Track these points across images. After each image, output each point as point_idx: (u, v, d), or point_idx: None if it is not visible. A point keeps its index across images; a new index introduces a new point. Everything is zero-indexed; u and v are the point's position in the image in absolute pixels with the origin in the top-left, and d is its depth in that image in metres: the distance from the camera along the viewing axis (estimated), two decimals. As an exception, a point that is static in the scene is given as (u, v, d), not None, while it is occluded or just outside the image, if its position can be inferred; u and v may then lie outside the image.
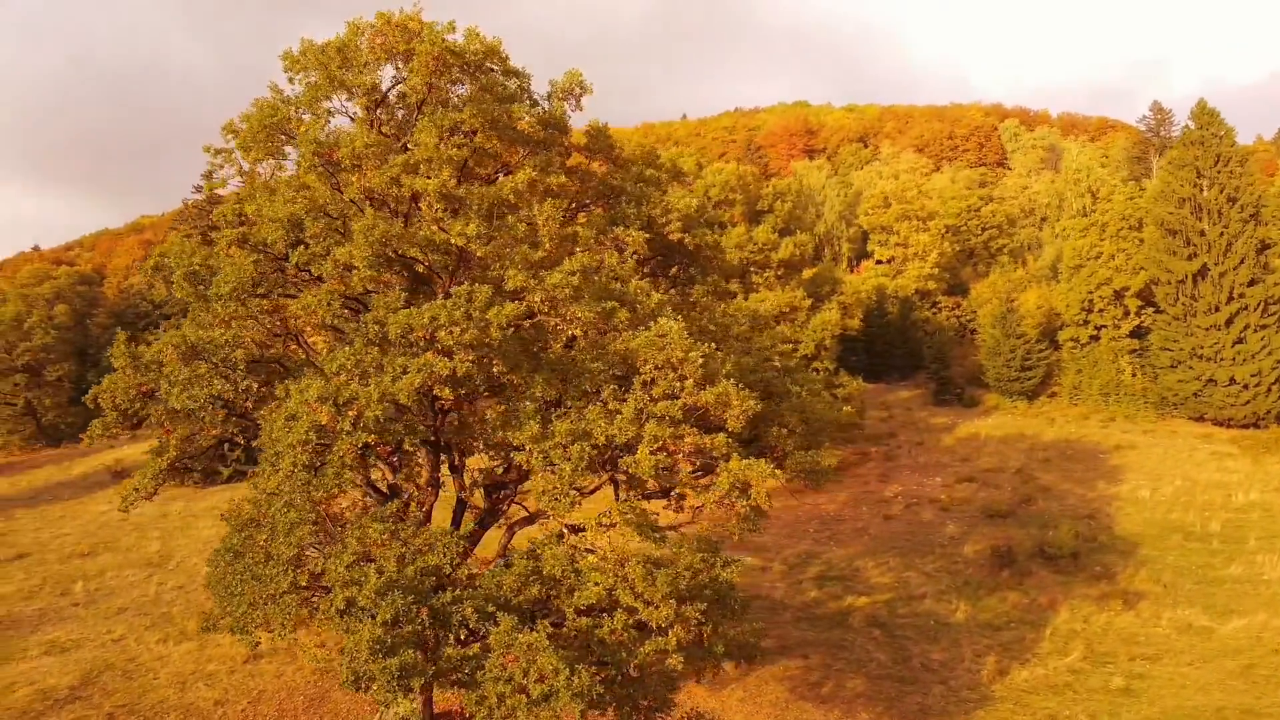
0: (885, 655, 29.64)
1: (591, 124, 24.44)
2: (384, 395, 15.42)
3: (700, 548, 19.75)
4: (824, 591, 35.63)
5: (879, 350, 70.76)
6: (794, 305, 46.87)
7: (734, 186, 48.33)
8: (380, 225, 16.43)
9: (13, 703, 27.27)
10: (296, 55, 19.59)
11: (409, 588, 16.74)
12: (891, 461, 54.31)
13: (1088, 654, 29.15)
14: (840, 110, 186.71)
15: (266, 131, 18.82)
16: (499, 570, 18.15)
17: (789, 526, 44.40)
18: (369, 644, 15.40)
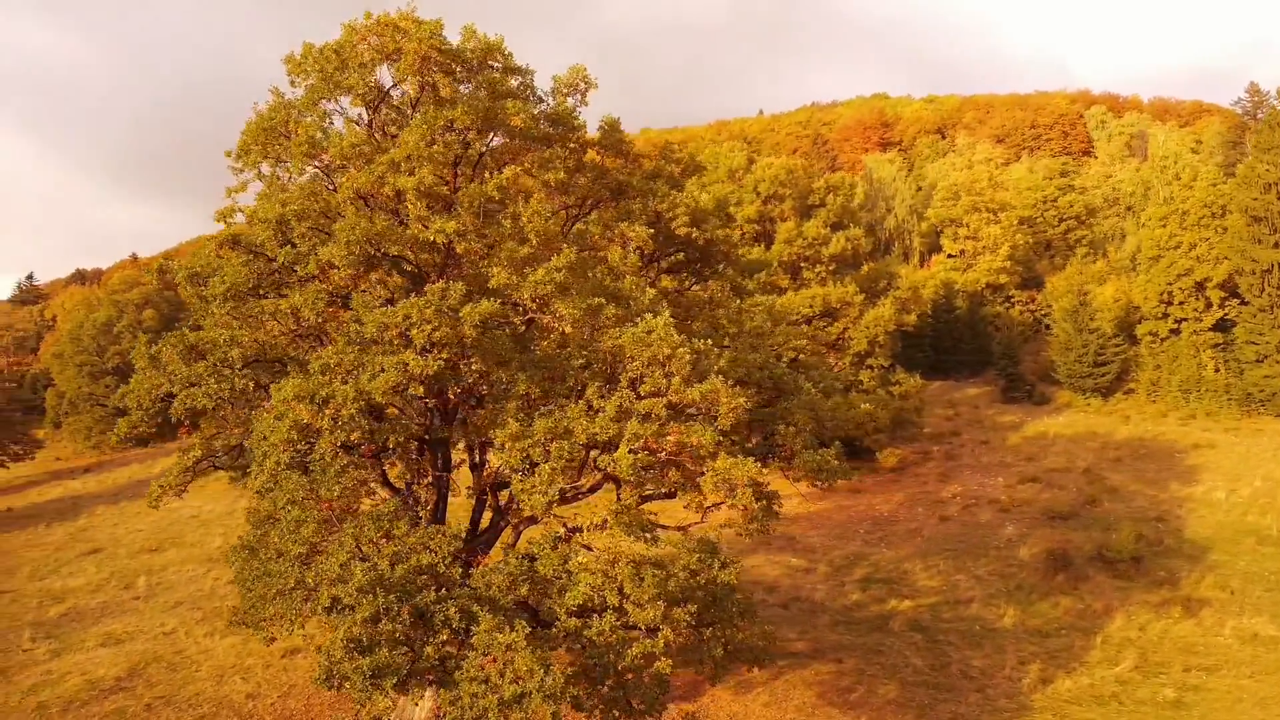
0: (922, 661, 28.67)
1: (605, 119, 24.18)
2: (360, 394, 15.42)
3: (698, 548, 19.37)
4: (867, 594, 34.69)
5: (946, 346, 68.85)
6: (845, 301, 45.82)
7: (784, 181, 47.49)
8: (361, 224, 16.48)
9: (62, 692, 28.37)
10: (298, 59, 19.82)
11: (392, 586, 16.74)
12: (953, 461, 52.71)
13: (1140, 663, 27.71)
14: (919, 102, 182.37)
15: (265, 135, 19.07)
16: (490, 569, 18.06)
17: (839, 527, 43.47)
18: (343, 642, 15.43)
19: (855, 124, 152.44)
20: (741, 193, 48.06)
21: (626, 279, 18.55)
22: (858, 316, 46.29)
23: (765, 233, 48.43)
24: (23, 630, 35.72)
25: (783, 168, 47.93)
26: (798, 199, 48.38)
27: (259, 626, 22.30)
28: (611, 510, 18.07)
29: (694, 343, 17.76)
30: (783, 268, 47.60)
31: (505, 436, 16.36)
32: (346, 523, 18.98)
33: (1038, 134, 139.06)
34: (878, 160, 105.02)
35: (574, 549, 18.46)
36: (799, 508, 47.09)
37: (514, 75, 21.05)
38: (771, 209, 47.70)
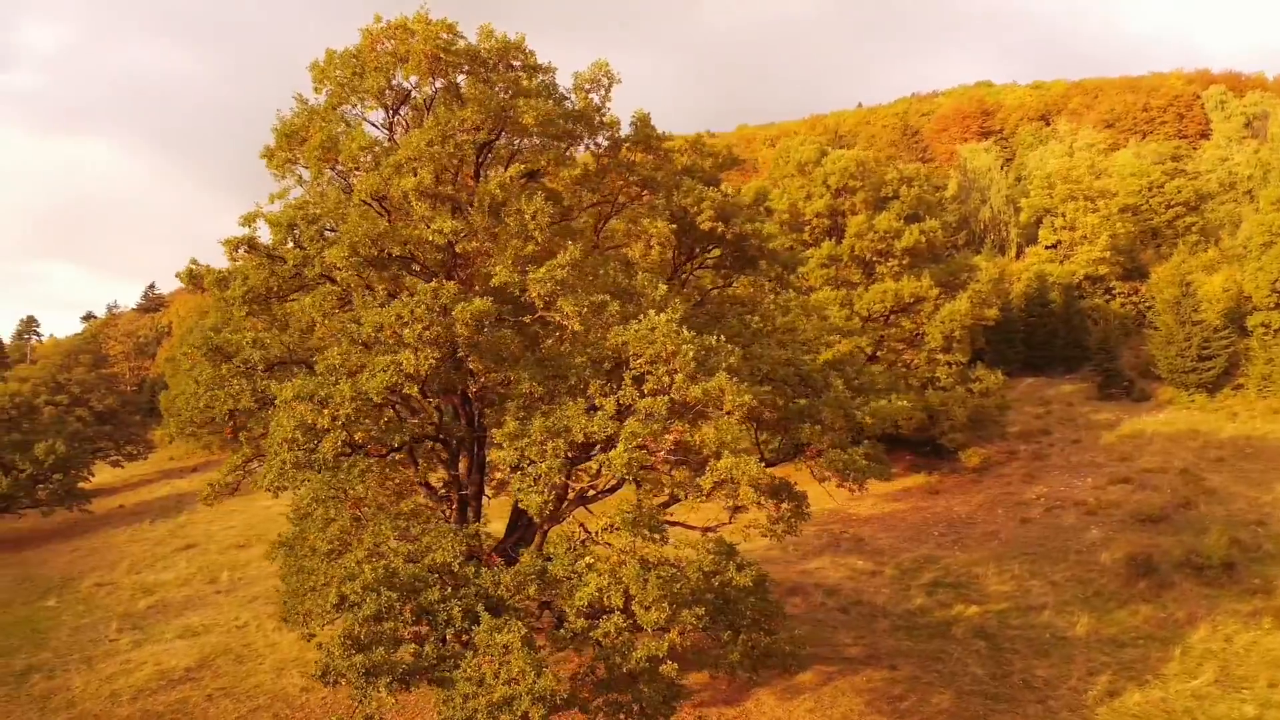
0: (982, 669, 27.45)
1: (636, 114, 23.94)
2: (358, 394, 15.56)
3: (714, 550, 18.96)
4: (932, 599, 33.46)
5: (1039, 342, 66.03)
6: (919, 295, 44.31)
7: (854, 174, 46.22)
8: (363, 226, 16.64)
9: (135, 680, 29.71)
10: (322, 65, 20.20)
11: (399, 584, 16.87)
12: (1040, 461, 50.44)
13: (1221, 677, 25.90)
14: (1023, 89, 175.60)
15: (287, 141, 19.49)
16: (499, 569, 18.03)
17: (913, 529, 42.11)
18: (341, 639, 15.61)
19: (953, 114, 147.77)
20: (811, 186, 47.04)
21: (639, 275, 18.22)
22: (933, 311, 44.70)
23: (836, 227, 47.27)
24: (112, 621, 37.65)
25: (853, 160, 46.67)
26: (870, 191, 47.04)
27: (296, 622, 22.86)
28: (622, 511, 17.81)
29: (702, 339, 17.37)
30: (854, 262, 46.37)
31: (503, 436, 16.29)
32: (367, 522, 19.28)
33: (1150, 117, 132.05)
34: (972, 150, 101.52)
35: (587, 549, 18.30)
36: (872, 509, 45.88)
37: (534, 74, 20.99)
38: (842, 202, 46.51)
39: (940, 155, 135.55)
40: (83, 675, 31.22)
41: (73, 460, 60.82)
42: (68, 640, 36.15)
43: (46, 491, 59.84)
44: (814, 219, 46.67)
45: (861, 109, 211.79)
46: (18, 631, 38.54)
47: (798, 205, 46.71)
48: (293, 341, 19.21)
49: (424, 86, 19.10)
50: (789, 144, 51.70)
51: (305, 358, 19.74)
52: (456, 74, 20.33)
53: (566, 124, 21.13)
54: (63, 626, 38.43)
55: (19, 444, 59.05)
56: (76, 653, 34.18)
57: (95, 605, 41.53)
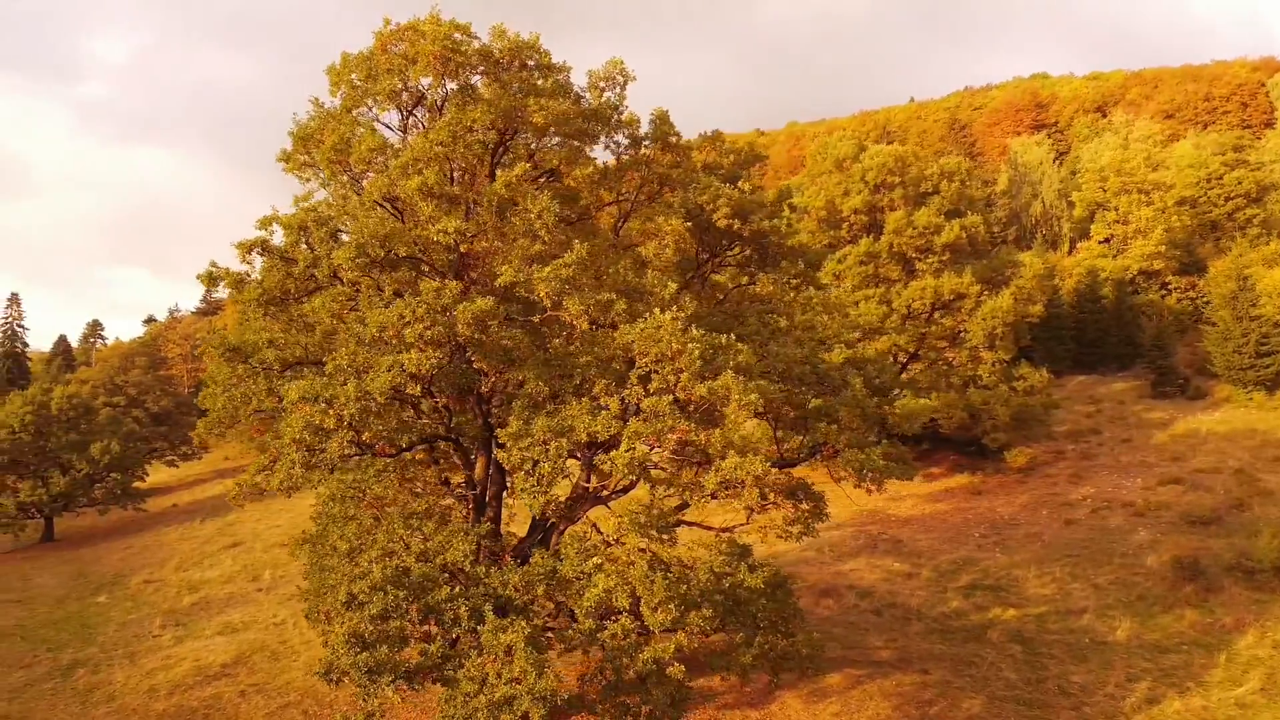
0: (1017, 674, 26.77)
1: (655, 112, 23.79)
2: (363, 394, 15.64)
3: (725, 551, 18.73)
4: (969, 601, 32.76)
5: (1091, 339, 64.34)
6: (959, 292, 43.42)
7: (893, 169, 45.45)
8: (369, 227, 16.74)
9: (173, 676, 30.35)
10: (338, 68, 20.38)
11: (408, 583, 16.93)
12: (1089, 460, 49.13)
13: (1267, 685, 24.95)
14: (1079, 80, 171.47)
15: (302, 144, 19.70)
16: (508, 569, 18.02)
17: (953, 530, 41.29)
18: (345, 637, 15.70)
19: (1006, 107, 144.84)
20: (848, 182, 46.38)
21: (649, 274, 18.06)
22: (974, 308, 43.79)
23: (875, 223, 46.56)
24: (156, 618, 38.58)
25: (891, 155, 45.90)
26: (910, 187, 46.24)
27: (317, 620, 23.09)
28: (630, 511, 17.67)
29: (711, 337, 17.17)
30: (893, 259, 45.61)
31: (507, 436, 16.25)
32: (383, 522, 19.39)
33: (1211, 107, 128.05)
34: (1023, 143, 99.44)
35: (597, 550, 18.19)
36: (913, 510, 45.13)
37: (547, 73, 20.95)
38: (880, 198, 45.77)
39: (992, 150, 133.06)
40: (124, 670, 32.00)
41: (127, 460, 62.42)
42: (114, 635, 37.09)
43: (102, 491, 61.50)
44: (852, 216, 46.02)
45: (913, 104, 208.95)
46: (69, 626, 39.67)
47: (835, 202, 46.11)
48: (311, 343, 19.40)
49: (436, 88, 19.13)
50: (827, 140, 51.09)
51: (321, 358, 19.91)
52: (471, 74, 20.38)
53: (581, 123, 21.04)
54: (110, 622, 39.45)
55: (76, 444, 60.76)
56: (121, 648, 35.05)
57: (143, 601, 42.58)
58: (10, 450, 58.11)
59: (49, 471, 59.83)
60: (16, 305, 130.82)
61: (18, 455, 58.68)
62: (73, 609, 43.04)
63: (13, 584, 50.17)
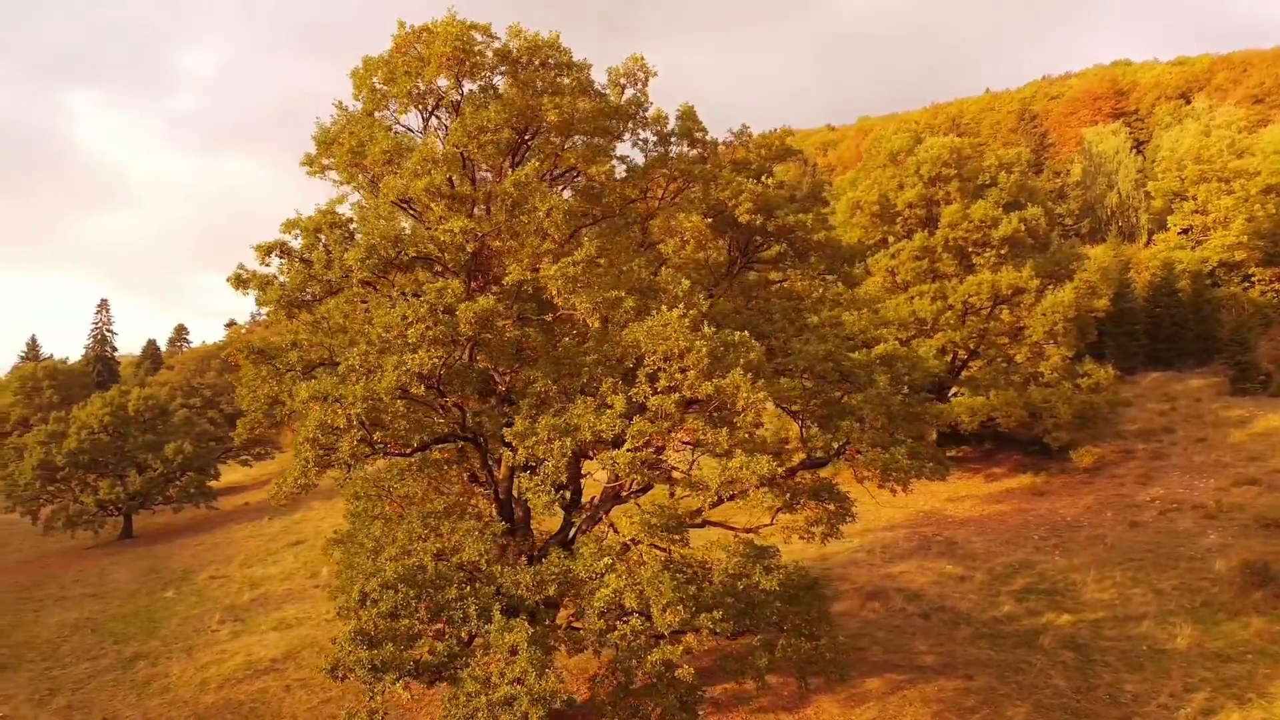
0: (1066, 682, 25.80)
1: (682, 108, 23.58)
2: (370, 394, 15.78)
3: (741, 552, 18.42)
4: (1022, 606, 31.71)
5: (1166, 334, 61.78)
6: (1017, 286, 42.06)
7: (948, 161, 44.27)
8: (380, 228, 16.87)
9: (224, 670, 31.17)
10: (361, 72, 20.63)
11: (419, 582, 17.02)
12: (1159, 460, 47.17)
13: (1336, 698, 23.59)
14: (1162, 65, 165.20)
15: (324, 148, 19.98)
16: (521, 568, 17.99)
17: (1011, 532, 40.03)
18: (352, 634, 15.85)
19: (1083, 95, 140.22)
20: (902, 175, 45.37)
21: (663, 271, 17.85)
22: (1033, 303, 42.41)
23: (932, 217, 45.45)
24: (216, 613, 39.68)
25: (945, 147, 44.71)
26: (966, 179, 45.02)
27: (347, 618, 23.37)
28: (642, 512, 17.49)
29: (723, 335, 16.90)
30: (949, 253, 44.43)
31: (512, 435, 16.21)
32: (402, 519, 19.57)
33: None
34: (1098, 133, 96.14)
35: (609, 549, 18.04)
36: (970, 510, 43.93)
37: (566, 71, 20.88)
38: (935, 191, 44.64)
39: (1069, 140, 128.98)
40: (181, 663, 32.98)
41: (200, 460, 64.44)
42: (176, 629, 38.29)
43: (177, 489, 63.59)
44: (906, 210, 45.01)
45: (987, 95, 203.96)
46: (136, 620, 41.09)
47: (888, 196, 45.15)
48: (336, 344, 19.67)
49: (452, 89, 19.20)
50: (882, 133, 50.10)
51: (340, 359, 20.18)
52: (493, 74, 20.43)
53: (601, 120, 20.92)
54: (175, 616, 40.74)
55: (152, 444, 62.97)
56: (181, 642, 36.15)
57: (207, 597, 43.87)
58: (90, 450, 60.49)
59: (126, 470, 62.16)
60: (106, 311, 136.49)
61: (97, 455, 61.06)
62: (142, 603, 44.58)
63: (91, 579, 52.23)
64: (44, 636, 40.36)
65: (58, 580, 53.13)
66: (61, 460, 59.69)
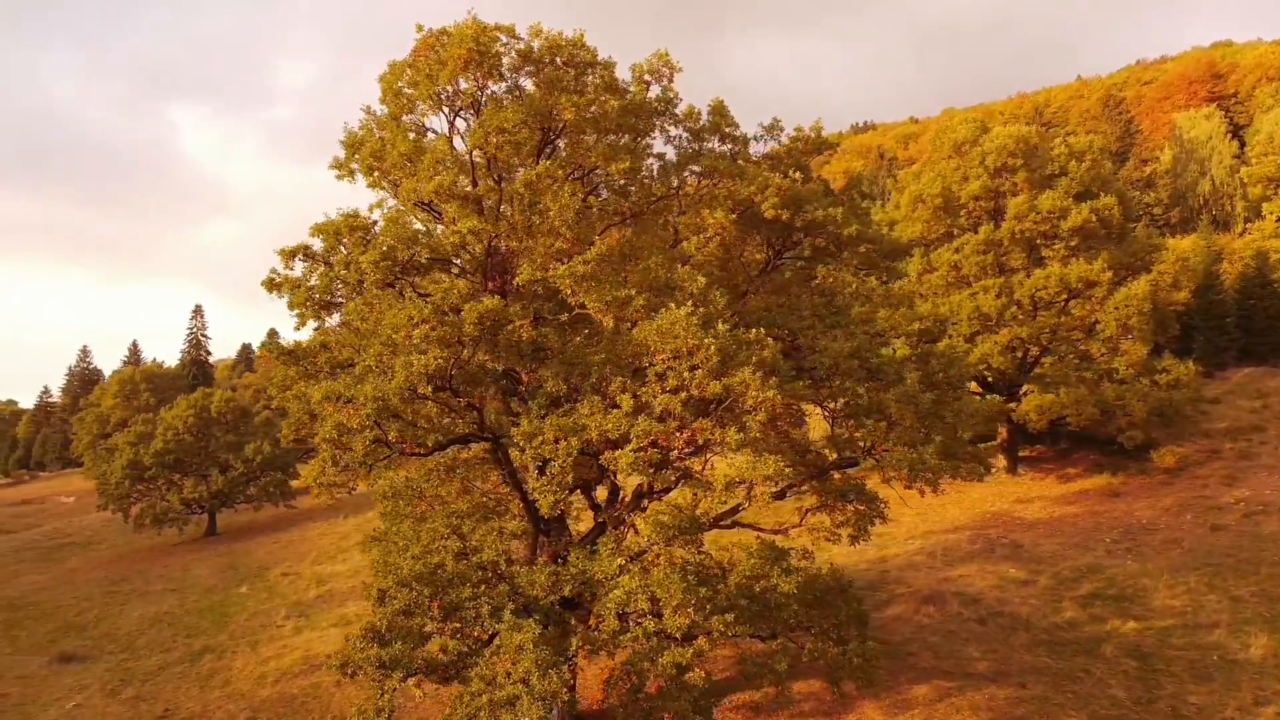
0: (1126, 693, 24.64)
1: (713, 102, 23.30)
2: (379, 394, 15.95)
3: (762, 554, 18.06)
4: (1086, 612, 30.40)
5: (1260, 327, 58.65)
6: (1088, 279, 40.36)
7: (1014, 151, 42.76)
8: (394, 230, 17.04)
9: (283, 664, 32.01)
10: (388, 76, 20.90)
11: (438, 580, 17.14)
12: (1248, 460, 44.79)
13: None
14: (1266, 45, 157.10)
15: (352, 152, 20.30)
16: (538, 568, 17.96)
17: (1081, 535, 38.47)
18: (363, 631, 16.04)
19: (1178, 79, 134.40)
20: (967, 167, 44.01)
21: (680, 269, 17.61)
22: (1105, 296, 40.66)
23: (999, 209, 43.98)
24: (283, 608, 40.81)
25: (1011, 136, 43.16)
26: (1034, 169, 43.45)
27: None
28: (658, 513, 17.27)
29: (736, 333, 16.60)
30: (1017, 246, 42.93)
31: (520, 435, 16.18)
32: (429, 519, 19.75)
33: None
34: (1190, 117, 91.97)
35: (627, 550, 17.89)
36: (1040, 512, 42.40)
37: (588, 70, 20.78)
38: (1001, 183, 43.17)
39: (1162, 126, 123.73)
40: (244, 657, 34.00)
41: (280, 460, 66.41)
42: (244, 624, 39.51)
43: (257, 488, 65.67)
44: (970, 202, 43.65)
45: (1077, 82, 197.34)
46: (209, 615, 42.55)
47: (951, 188, 43.85)
48: (363, 345, 19.93)
49: (470, 91, 19.26)
50: (946, 124, 48.76)
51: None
52: (519, 75, 20.48)
53: (626, 118, 20.77)
54: (245, 611, 42.05)
55: (233, 445, 65.19)
56: (247, 636, 37.28)
57: (277, 593, 45.17)
58: (175, 450, 62.94)
59: (209, 470, 64.47)
60: (200, 316, 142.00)
61: (182, 455, 63.49)
62: (217, 598, 46.17)
63: (174, 574, 54.36)
64: (124, 629, 42.14)
65: (144, 575, 55.46)
66: (149, 460, 62.26)
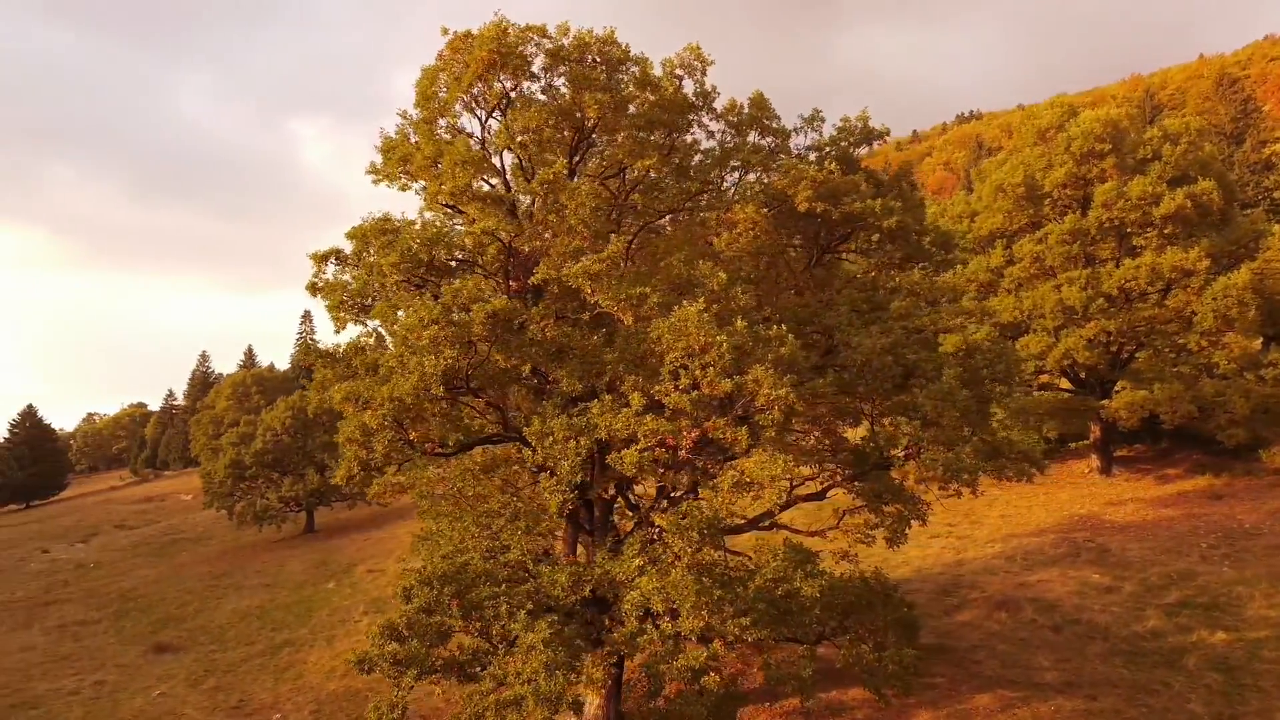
0: (1205, 708, 23.12)
1: (752, 95, 22.88)
2: (393, 395, 16.15)
3: (786, 556, 17.59)
4: (1171, 621, 28.65)
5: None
6: (1183, 269, 38.04)
7: (1101, 136, 40.64)
8: (414, 232, 17.23)
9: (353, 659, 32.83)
10: (423, 81, 21.20)
11: (463, 578, 17.28)
12: (1369, 460, 41.62)
13: None
14: None
15: (386, 155, 20.65)
16: (559, 568, 17.91)
17: (1176, 539, 36.29)
18: (381, 629, 16.26)
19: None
20: (1051, 154, 42.08)
21: (702, 265, 17.29)
22: (1201, 287, 38.27)
23: (1086, 197, 41.90)
24: (361, 604, 41.93)
25: (1099, 120, 41.00)
26: (1125, 154, 41.24)
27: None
28: (676, 514, 16.99)
29: (755, 330, 16.21)
30: (1106, 234, 40.80)
31: (531, 435, 16.15)
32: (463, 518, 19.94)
33: None
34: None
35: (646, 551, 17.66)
36: (1133, 515, 40.23)
37: (620, 66, 20.65)
38: (1088, 169, 41.09)
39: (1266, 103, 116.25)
40: (319, 651, 35.06)
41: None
42: (325, 619, 40.76)
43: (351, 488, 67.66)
44: (1055, 190, 41.71)
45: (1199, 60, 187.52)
46: (295, 609, 44.06)
47: (1035, 177, 41.99)
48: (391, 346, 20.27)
49: (494, 93, 19.34)
50: (1032, 110, 46.76)
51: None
52: (553, 75, 20.51)
53: (657, 114, 20.55)
54: (328, 607, 43.40)
55: (329, 445, 67.33)
56: (326, 631, 38.44)
57: (360, 589, 46.47)
58: (273, 450, 65.48)
59: (305, 470, 66.83)
60: (309, 321, 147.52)
61: (280, 455, 66.01)
62: (306, 594, 47.78)
63: (269, 570, 56.55)
64: (217, 622, 44.02)
65: (243, 570, 57.89)
66: (249, 460, 64.93)
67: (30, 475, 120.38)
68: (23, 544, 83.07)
